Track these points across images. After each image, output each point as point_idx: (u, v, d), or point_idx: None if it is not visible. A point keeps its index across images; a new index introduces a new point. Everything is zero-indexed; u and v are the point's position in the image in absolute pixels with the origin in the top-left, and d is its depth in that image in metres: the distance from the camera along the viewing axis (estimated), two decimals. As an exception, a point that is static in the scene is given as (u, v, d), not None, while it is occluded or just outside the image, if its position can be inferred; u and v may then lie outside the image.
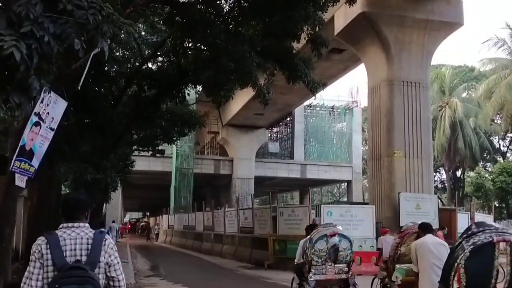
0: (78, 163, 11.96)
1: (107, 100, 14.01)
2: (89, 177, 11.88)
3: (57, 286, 2.53)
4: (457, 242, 4.07)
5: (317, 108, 40.32)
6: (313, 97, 14.40)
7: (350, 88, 43.51)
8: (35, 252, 2.64)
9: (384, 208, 15.50)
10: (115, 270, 2.78)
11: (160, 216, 42.12)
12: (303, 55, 13.50)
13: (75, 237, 2.69)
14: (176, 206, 34.50)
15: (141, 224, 59.02)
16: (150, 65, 15.83)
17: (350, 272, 7.48)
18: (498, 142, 41.63)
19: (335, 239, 7.35)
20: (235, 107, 32.63)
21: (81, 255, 2.66)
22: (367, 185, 54.99)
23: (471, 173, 26.53)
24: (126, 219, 73.09)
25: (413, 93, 16.09)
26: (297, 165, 38.34)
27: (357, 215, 15.00)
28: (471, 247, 3.83)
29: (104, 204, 28.05)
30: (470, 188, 30.01)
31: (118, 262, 2.81)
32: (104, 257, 2.73)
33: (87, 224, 2.81)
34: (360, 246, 14.85)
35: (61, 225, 2.76)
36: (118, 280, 2.80)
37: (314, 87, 14.29)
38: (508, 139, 41.91)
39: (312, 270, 7.29)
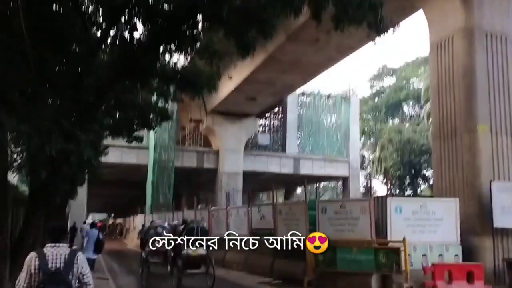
0: (36, 122, 7.25)
1: (82, 36, 9.27)
2: (53, 149, 7.18)
3: (42, 285, 3.84)
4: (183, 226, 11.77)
5: (311, 96, 36.21)
6: (374, 41, 9.78)
7: (347, 76, 39.77)
8: (27, 262, 3.95)
9: (465, 202, 11.32)
10: (87, 277, 4.08)
11: (132, 217, 36.89)
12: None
13: (56, 253, 4.00)
14: (154, 205, 29.54)
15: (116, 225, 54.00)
16: None
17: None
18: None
19: (159, 229, 13.66)
20: (224, 90, 28.00)
21: (60, 265, 3.96)
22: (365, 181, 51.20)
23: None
24: (89, 221, 67.10)
25: (498, 49, 12.07)
26: (289, 159, 34.07)
27: (435, 211, 10.80)
28: (187, 229, 11.06)
29: (68, 201, 23.02)
30: None
31: (88, 271, 4.11)
32: (77, 269, 4.02)
33: (65, 244, 4.13)
34: (441, 255, 10.67)
35: (47, 245, 4.06)
36: (89, 284, 4.09)
37: (384, 27, 10.03)
38: None
39: (148, 245, 12.25)
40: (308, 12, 13.16)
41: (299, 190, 55.73)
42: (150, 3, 9.95)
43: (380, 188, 54.08)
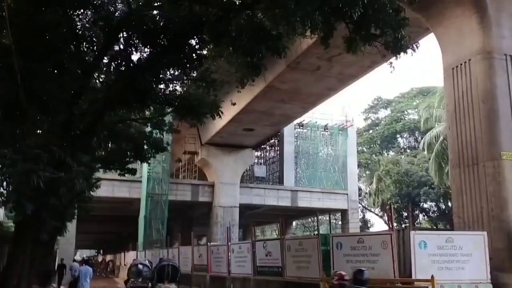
0: (22, 147, 6.32)
1: (76, 53, 8.42)
2: (42, 178, 6.23)
3: None
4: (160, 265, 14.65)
5: (307, 128, 35.53)
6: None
7: (343, 107, 39.33)
8: None
9: (490, 236, 10.38)
10: None
11: (123, 254, 35.35)
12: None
13: None
14: (146, 241, 28.19)
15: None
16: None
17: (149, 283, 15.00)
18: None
19: (140, 267, 15.81)
20: (220, 121, 27.20)
21: None
22: (362, 215, 50.01)
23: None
24: (78, 258, 65.00)
25: (518, 72, 11.42)
26: (287, 191, 33.02)
27: (463, 246, 9.86)
28: (159, 266, 14.38)
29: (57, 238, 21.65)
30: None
31: None
32: None
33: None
34: (471, 295, 9.64)
35: None
36: None
37: (403, 47, 9.53)
38: None
39: (130, 280, 15.64)
40: (311, 38, 12.43)
41: (294, 223, 54.53)
42: (150, 22, 9.23)
43: (377, 221, 52.99)
